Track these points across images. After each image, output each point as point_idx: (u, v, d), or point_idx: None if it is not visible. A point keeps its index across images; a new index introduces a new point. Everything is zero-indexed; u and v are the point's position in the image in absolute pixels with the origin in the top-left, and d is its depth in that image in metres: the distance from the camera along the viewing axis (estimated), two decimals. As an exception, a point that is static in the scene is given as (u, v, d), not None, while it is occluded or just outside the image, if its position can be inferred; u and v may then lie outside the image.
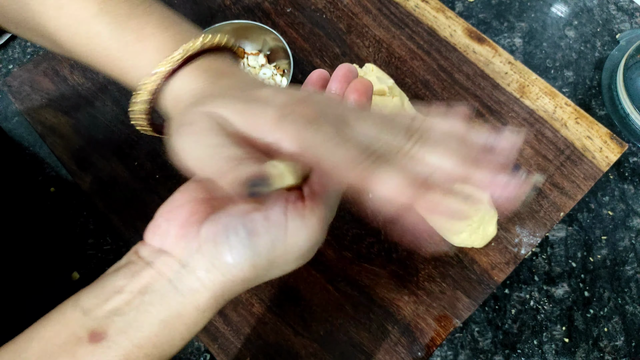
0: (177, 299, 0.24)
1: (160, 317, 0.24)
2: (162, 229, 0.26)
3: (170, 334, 0.25)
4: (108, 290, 0.25)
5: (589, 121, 0.52)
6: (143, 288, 0.25)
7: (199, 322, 0.25)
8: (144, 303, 0.24)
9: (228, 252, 0.24)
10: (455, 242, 0.47)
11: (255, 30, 0.53)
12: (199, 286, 0.24)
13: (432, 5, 0.58)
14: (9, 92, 0.54)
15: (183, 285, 0.24)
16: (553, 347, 0.48)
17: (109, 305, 0.24)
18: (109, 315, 0.24)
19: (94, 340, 0.24)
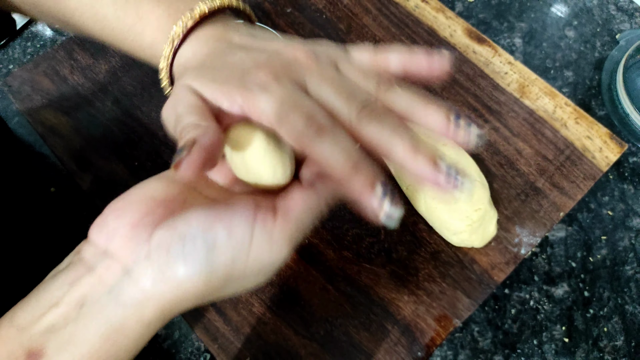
0: (118, 312, 0.22)
1: (101, 331, 0.22)
2: (110, 227, 0.23)
3: (113, 349, 0.22)
4: (44, 303, 0.23)
5: (589, 121, 0.53)
6: (81, 299, 0.22)
7: (144, 335, 0.23)
8: (81, 316, 0.22)
9: (182, 264, 0.22)
10: (455, 242, 0.47)
11: (255, 31, 0.53)
12: (143, 298, 0.22)
13: (432, 5, 0.58)
14: (9, 92, 0.54)
15: (125, 295, 0.22)
16: (553, 347, 0.48)
17: (45, 321, 0.22)
18: (45, 331, 0.22)
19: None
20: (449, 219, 0.45)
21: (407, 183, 0.48)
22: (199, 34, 0.29)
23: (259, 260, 0.22)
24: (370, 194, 0.21)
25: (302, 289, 0.46)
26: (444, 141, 0.48)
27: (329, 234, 0.48)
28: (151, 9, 0.29)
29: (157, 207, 0.23)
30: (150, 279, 0.22)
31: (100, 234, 0.24)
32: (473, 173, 0.47)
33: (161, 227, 0.22)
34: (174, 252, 0.22)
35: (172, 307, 0.23)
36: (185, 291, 0.22)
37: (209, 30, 0.29)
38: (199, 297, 0.23)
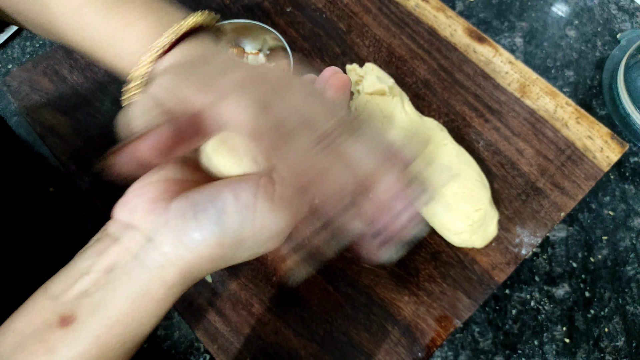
0: (144, 275, 0.24)
1: (128, 294, 0.24)
2: (131, 204, 0.25)
3: (139, 313, 0.24)
4: (75, 273, 0.24)
5: (590, 121, 0.52)
6: (109, 266, 0.24)
7: (167, 299, 0.25)
8: (110, 281, 0.24)
9: (196, 228, 0.24)
10: (456, 242, 0.46)
11: (255, 30, 0.53)
12: (165, 261, 0.24)
13: (432, 4, 0.58)
14: (8, 92, 0.54)
15: (149, 260, 0.24)
16: (554, 347, 0.48)
17: (77, 288, 0.24)
18: (77, 297, 0.24)
19: (64, 325, 0.23)
20: (449, 219, 0.45)
21: (408, 183, 0.48)
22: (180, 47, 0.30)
23: (265, 224, 0.24)
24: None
25: (302, 290, 0.46)
26: (445, 141, 0.48)
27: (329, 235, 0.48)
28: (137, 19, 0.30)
29: (172, 185, 0.26)
30: (170, 244, 0.24)
31: (123, 211, 0.26)
32: (473, 173, 0.47)
33: (177, 199, 0.24)
34: (188, 217, 0.24)
35: (191, 270, 0.25)
36: (201, 253, 0.24)
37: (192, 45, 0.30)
38: (213, 259, 0.25)
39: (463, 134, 0.52)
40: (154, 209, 0.24)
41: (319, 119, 0.24)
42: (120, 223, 0.25)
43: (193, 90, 0.24)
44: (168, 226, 0.24)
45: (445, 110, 0.53)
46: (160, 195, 0.25)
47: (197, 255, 0.24)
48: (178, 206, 0.24)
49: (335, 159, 0.24)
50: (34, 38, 0.61)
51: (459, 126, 0.52)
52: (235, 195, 0.24)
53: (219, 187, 0.24)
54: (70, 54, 0.56)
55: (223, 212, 0.24)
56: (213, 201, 0.24)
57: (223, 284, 0.46)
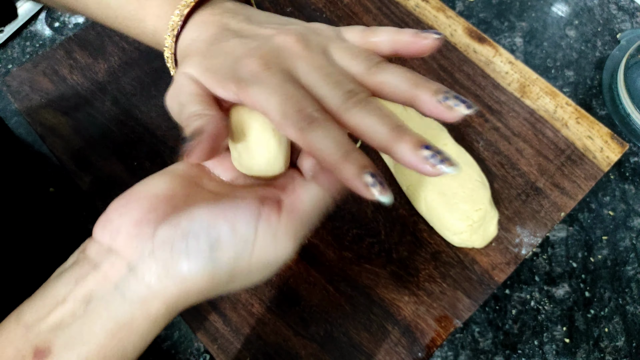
0: (124, 308, 0.22)
1: (107, 327, 0.22)
2: (113, 224, 0.23)
3: (121, 345, 0.22)
4: (51, 300, 0.23)
5: (590, 121, 0.52)
6: (87, 295, 0.22)
7: (151, 331, 0.23)
8: (88, 313, 0.22)
9: (185, 262, 0.22)
10: (456, 242, 0.46)
11: (255, 30, 0.53)
12: (149, 294, 0.22)
13: (432, 4, 0.58)
14: (8, 92, 0.54)
15: (131, 292, 0.22)
16: (554, 347, 0.48)
17: (52, 318, 0.22)
18: (52, 329, 0.22)
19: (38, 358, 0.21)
20: (449, 219, 0.45)
21: (407, 183, 0.48)
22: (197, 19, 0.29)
23: (263, 257, 0.22)
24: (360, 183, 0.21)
25: (302, 290, 0.46)
26: (445, 141, 0.48)
27: (329, 235, 0.48)
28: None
29: (160, 204, 0.23)
30: (155, 276, 0.22)
31: (104, 232, 0.24)
32: (473, 173, 0.47)
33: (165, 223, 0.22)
34: (177, 249, 0.22)
35: (177, 303, 0.23)
36: (189, 287, 0.22)
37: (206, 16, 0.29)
38: (203, 292, 0.23)
39: (463, 134, 0.52)
40: (138, 234, 0.22)
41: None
42: (100, 245, 0.23)
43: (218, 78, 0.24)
44: (154, 256, 0.22)
45: (445, 110, 0.53)
46: (145, 216, 0.23)
47: (185, 288, 0.22)
48: (166, 233, 0.22)
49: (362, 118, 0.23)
50: (34, 38, 0.61)
51: (458, 126, 0.52)
52: (232, 226, 0.22)
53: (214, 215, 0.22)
54: (70, 54, 0.56)
55: (217, 246, 0.22)
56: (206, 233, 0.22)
57: (223, 284, 0.46)
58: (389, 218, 0.49)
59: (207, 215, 0.22)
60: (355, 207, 0.49)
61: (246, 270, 0.23)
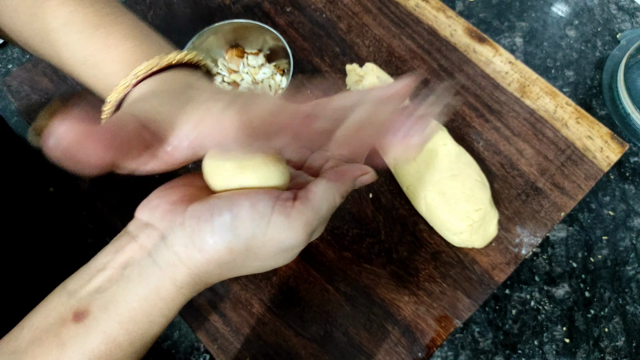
0: (155, 273, 0.25)
1: (139, 291, 0.24)
2: (152, 204, 0.26)
3: (149, 310, 0.25)
4: (92, 269, 0.25)
5: (590, 121, 0.52)
6: (124, 262, 0.25)
7: (177, 299, 0.25)
8: (124, 278, 0.25)
9: (208, 231, 0.24)
10: (456, 242, 0.46)
11: (255, 30, 0.53)
12: (176, 260, 0.25)
13: (432, 4, 0.58)
14: (8, 92, 0.54)
15: (161, 258, 0.25)
16: (554, 347, 0.48)
17: (93, 284, 0.25)
18: (91, 293, 0.24)
19: (77, 320, 0.24)
20: (449, 219, 0.45)
21: (407, 183, 0.48)
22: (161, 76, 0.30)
23: (276, 237, 0.24)
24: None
25: (302, 290, 0.46)
26: (445, 141, 0.48)
27: (329, 235, 0.48)
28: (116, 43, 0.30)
29: (195, 191, 0.26)
30: (182, 244, 0.24)
31: (144, 210, 0.26)
32: (473, 173, 0.47)
33: (196, 202, 0.25)
34: (203, 219, 0.24)
35: (200, 273, 0.25)
36: (211, 256, 0.24)
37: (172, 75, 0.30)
38: (223, 264, 0.25)
39: (463, 134, 0.52)
40: (173, 210, 0.25)
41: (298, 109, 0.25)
42: (140, 222, 0.26)
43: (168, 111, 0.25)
44: (183, 226, 0.24)
45: (445, 110, 0.53)
46: (182, 198, 0.26)
47: (207, 258, 0.24)
48: (195, 208, 0.25)
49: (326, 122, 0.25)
50: (34, 38, 0.61)
51: (459, 126, 0.52)
52: (252, 203, 0.24)
53: (239, 194, 0.25)
54: (70, 54, 0.56)
55: (237, 218, 0.24)
56: (229, 207, 0.24)
57: (223, 284, 0.46)
58: (389, 218, 0.49)
59: (232, 195, 0.25)
60: (355, 207, 0.49)
61: (261, 247, 0.25)
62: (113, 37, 0.30)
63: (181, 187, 0.27)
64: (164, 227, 0.25)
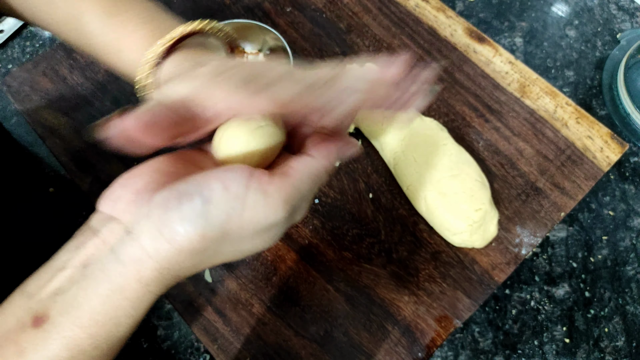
0: (118, 270, 0.22)
1: (101, 291, 0.22)
2: (115, 194, 0.24)
3: (114, 311, 0.23)
4: (52, 269, 0.24)
5: (590, 121, 0.52)
6: (85, 260, 0.23)
7: (143, 298, 0.23)
8: (85, 277, 0.23)
9: (178, 219, 0.22)
10: (456, 242, 0.46)
11: (255, 30, 0.53)
12: (142, 255, 0.22)
13: (432, 4, 0.58)
14: (8, 92, 0.54)
15: (125, 254, 0.22)
16: (554, 347, 0.48)
17: (52, 285, 0.23)
18: (51, 295, 0.23)
19: (36, 325, 0.22)
20: (449, 219, 0.45)
21: (407, 183, 0.48)
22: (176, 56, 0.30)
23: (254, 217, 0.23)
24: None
25: (302, 290, 0.46)
26: (445, 141, 0.48)
27: (329, 235, 0.48)
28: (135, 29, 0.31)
29: (161, 177, 0.25)
30: (149, 237, 0.22)
31: (106, 202, 0.24)
32: (473, 173, 0.47)
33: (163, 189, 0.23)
34: (171, 208, 0.22)
35: (170, 266, 0.23)
36: (181, 246, 0.22)
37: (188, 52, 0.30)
38: (196, 253, 0.23)
39: (463, 134, 0.52)
40: (137, 200, 0.23)
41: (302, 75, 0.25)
42: (103, 215, 0.24)
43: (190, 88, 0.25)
44: (149, 217, 0.22)
45: (445, 110, 0.53)
46: (146, 186, 0.24)
47: (178, 248, 0.22)
48: (162, 196, 0.23)
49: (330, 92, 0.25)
50: (33, 38, 0.61)
51: (459, 126, 0.52)
52: (224, 184, 0.22)
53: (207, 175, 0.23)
54: (70, 54, 0.56)
55: (209, 201, 0.22)
56: (199, 191, 0.22)
57: (223, 284, 0.46)
58: (389, 218, 0.49)
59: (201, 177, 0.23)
60: (355, 207, 0.49)
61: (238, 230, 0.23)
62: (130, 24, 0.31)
63: (145, 174, 0.25)
64: (128, 220, 0.23)
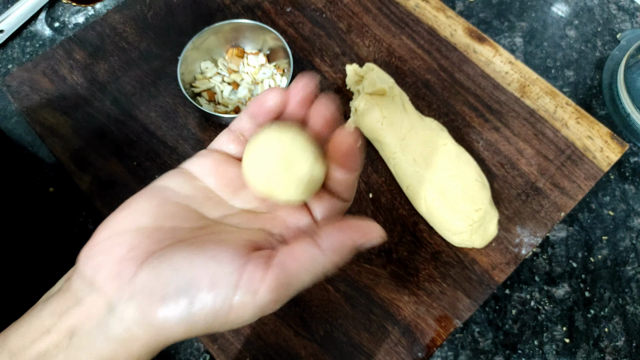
0: (107, 345, 0.22)
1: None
2: (96, 259, 0.23)
3: None
4: (35, 330, 0.23)
5: (590, 121, 0.52)
6: (71, 329, 0.22)
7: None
8: (72, 346, 0.22)
9: (162, 312, 0.21)
10: (456, 242, 0.46)
11: (255, 30, 0.53)
12: (128, 336, 0.22)
13: (432, 4, 0.58)
14: (7, 92, 0.54)
15: (111, 331, 0.22)
16: (554, 347, 0.48)
17: (37, 347, 0.22)
18: (37, 357, 0.22)
19: None
20: (449, 219, 0.45)
21: (407, 183, 0.48)
22: None
23: (241, 318, 0.22)
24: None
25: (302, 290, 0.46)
26: (445, 141, 0.48)
27: (329, 234, 0.48)
28: None
29: (143, 240, 0.23)
30: (133, 320, 0.22)
31: (87, 264, 0.23)
32: (473, 173, 0.47)
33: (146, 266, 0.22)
34: (155, 298, 0.21)
35: (157, 344, 0.22)
36: (167, 334, 0.22)
37: None
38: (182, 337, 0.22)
39: (463, 134, 0.52)
40: (119, 273, 0.22)
41: None
42: (84, 277, 0.23)
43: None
44: (133, 300, 0.21)
45: (445, 110, 0.53)
46: (128, 254, 0.22)
47: (163, 334, 0.22)
48: (147, 280, 0.21)
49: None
50: (33, 38, 0.61)
51: (459, 126, 0.52)
52: (213, 282, 0.21)
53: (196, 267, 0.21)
54: (70, 54, 0.56)
55: (194, 302, 0.21)
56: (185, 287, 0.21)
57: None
58: (389, 218, 0.49)
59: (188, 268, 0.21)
60: (355, 207, 0.49)
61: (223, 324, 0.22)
62: None
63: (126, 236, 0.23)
64: (111, 296, 0.22)
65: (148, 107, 0.53)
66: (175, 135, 0.52)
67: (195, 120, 0.53)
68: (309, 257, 0.22)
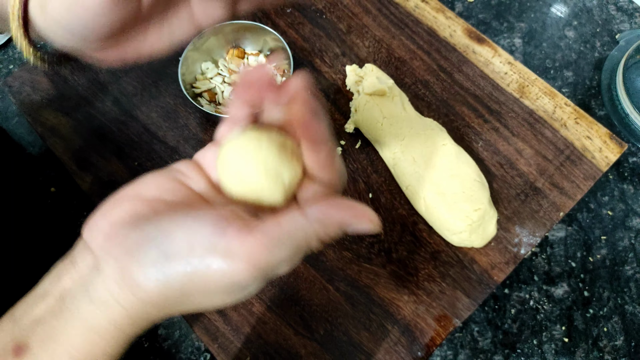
0: (90, 309, 0.22)
1: (77, 327, 0.22)
2: (94, 223, 0.23)
3: (90, 347, 0.22)
4: (36, 294, 0.23)
5: (589, 121, 0.53)
6: (63, 292, 0.22)
7: (119, 338, 0.22)
8: (62, 310, 0.22)
9: (137, 269, 0.21)
10: (455, 242, 0.47)
11: (255, 31, 0.53)
12: (110, 299, 0.21)
13: (431, 5, 0.58)
14: (9, 93, 0.54)
15: (95, 293, 0.22)
16: (553, 346, 0.48)
17: (34, 312, 0.22)
18: (32, 324, 0.22)
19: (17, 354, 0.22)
20: (448, 218, 0.45)
21: (407, 183, 0.48)
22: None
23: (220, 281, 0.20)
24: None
25: (302, 289, 0.47)
26: (444, 141, 0.48)
27: (329, 234, 0.48)
28: None
29: (142, 207, 0.23)
30: (115, 281, 0.21)
31: (88, 229, 0.23)
32: (472, 173, 0.47)
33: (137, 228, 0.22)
34: (133, 255, 0.21)
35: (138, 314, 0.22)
36: (143, 297, 0.21)
37: None
38: (157, 307, 0.22)
39: (462, 134, 0.52)
40: (111, 235, 0.22)
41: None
42: (84, 242, 0.23)
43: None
44: (117, 260, 0.21)
45: (444, 110, 0.53)
46: (123, 218, 0.22)
47: (140, 299, 0.21)
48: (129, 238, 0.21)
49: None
50: (35, 39, 0.61)
51: (458, 126, 0.53)
52: (189, 241, 0.20)
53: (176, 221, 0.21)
54: (71, 54, 0.56)
55: (168, 256, 0.20)
56: (160, 240, 0.20)
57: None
58: (389, 218, 0.49)
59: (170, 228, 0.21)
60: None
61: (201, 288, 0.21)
62: None
63: (126, 203, 0.23)
64: (100, 256, 0.22)
65: (149, 107, 0.54)
66: (176, 136, 0.52)
67: (196, 120, 0.53)
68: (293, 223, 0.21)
